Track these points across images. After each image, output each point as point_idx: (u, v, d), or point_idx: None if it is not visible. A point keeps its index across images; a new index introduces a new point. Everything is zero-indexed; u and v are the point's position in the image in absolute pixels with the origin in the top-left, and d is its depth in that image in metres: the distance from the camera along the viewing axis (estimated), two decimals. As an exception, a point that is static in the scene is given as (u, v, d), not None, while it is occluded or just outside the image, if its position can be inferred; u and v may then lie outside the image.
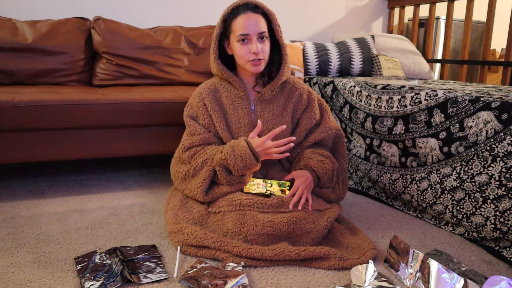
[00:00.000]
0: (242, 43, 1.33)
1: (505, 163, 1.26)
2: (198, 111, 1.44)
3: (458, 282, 1.01)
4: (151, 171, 2.14)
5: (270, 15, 1.37)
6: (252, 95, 1.45)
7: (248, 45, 1.33)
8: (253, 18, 1.33)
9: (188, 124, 1.46)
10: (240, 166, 1.30)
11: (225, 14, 1.37)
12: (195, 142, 1.41)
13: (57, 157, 1.67)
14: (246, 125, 1.42)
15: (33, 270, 1.13)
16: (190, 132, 1.45)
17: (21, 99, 1.57)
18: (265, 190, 1.36)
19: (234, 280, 1.05)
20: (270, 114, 1.44)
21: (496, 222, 1.28)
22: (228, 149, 1.31)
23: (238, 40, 1.33)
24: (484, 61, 2.52)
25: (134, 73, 2.16)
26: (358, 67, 2.46)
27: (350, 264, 1.17)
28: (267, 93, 1.43)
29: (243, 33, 1.32)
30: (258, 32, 1.33)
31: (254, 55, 1.33)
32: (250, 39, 1.33)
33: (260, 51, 1.33)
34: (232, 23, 1.35)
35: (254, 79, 1.44)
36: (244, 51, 1.34)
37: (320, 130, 1.49)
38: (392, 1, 3.08)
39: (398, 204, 1.69)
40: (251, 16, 1.33)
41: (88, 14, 2.36)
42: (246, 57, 1.34)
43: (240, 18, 1.33)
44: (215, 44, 1.39)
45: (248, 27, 1.32)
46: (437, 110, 1.49)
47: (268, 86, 1.42)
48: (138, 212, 1.56)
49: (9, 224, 1.43)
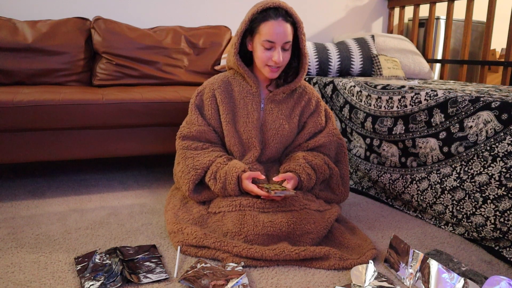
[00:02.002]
0: (266, 48, 1.35)
1: (505, 163, 1.26)
2: (205, 101, 1.46)
3: (458, 282, 1.01)
4: (151, 171, 2.14)
5: (298, 23, 1.37)
6: (263, 93, 1.47)
7: (271, 52, 1.35)
8: (282, 27, 1.32)
9: (191, 112, 1.47)
10: (221, 190, 1.35)
11: (254, 13, 1.35)
12: (193, 132, 1.43)
13: (57, 157, 1.67)
14: (254, 121, 1.44)
15: (33, 270, 1.13)
16: (190, 121, 1.46)
17: (21, 99, 1.57)
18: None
19: (234, 280, 1.05)
20: (278, 114, 1.46)
21: (496, 222, 1.28)
22: (221, 173, 1.34)
23: (263, 44, 1.34)
24: (484, 61, 2.52)
25: (134, 73, 2.16)
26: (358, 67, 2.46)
27: (350, 264, 1.17)
28: (279, 94, 1.46)
29: (270, 40, 1.32)
30: (284, 42, 1.34)
31: (274, 63, 1.35)
32: (275, 46, 1.34)
33: (281, 60, 1.35)
34: (260, 24, 1.34)
35: (268, 78, 1.46)
36: (266, 56, 1.35)
37: (322, 135, 1.50)
38: (392, 1, 3.08)
39: (398, 204, 1.69)
40: (281, 24, 1.32)
41: (88, 14, 2.36)
42: (266, 61, 1.36)
43: (270, 24, 1.32)
44: (237, 40, 1.39)
45: (276, 36, 1.32)
46: (437, 110, 1.49)
47: (282, 89, 1.45)
48: (138, 212, 1.56)
49: (9, 224, 1.43)
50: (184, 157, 1.41)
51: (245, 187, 1.32)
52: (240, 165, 1.35)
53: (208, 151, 1.41)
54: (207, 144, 1.44)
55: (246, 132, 1.44)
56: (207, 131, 1.44)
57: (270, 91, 1.47)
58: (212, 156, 1.39)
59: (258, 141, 1.45)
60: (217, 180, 1.35)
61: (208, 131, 1.44)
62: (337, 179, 1.48)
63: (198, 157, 1.39)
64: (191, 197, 1.40)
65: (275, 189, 1.26)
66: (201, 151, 1.42)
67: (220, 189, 1.34)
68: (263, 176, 1.34)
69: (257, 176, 1.33)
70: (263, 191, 1.27)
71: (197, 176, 1.37)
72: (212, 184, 1.36)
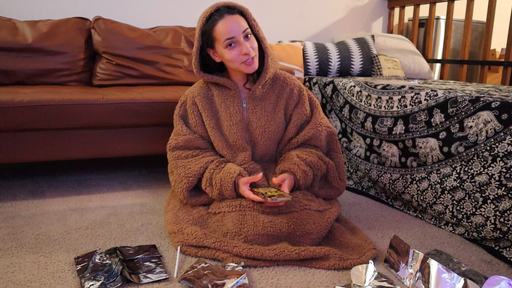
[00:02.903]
0: (230, 47, 1.32)
1: (505, 163, 1.26)
2: (188, 110, 1.47)
3: (458, 282, 1.01)
4: (151, 171, 2.14)
5: (245, 11, 1.36)
6: (243, 93, 1.46)
7: (237, 48, 1.32)
8: (232, 20, 1.31)
9: (176, 123, 1.48)
10: (219, 196, 1.35)
11: (201, 26, 1.35)
12: (180, 142, 1.44)
13: (57, 157, 1.67)
14: (238, 122, 1.43)
15: (33, 270, 1.13)
16: (176, 132, 1.48)
17: (21, 99, 1.56)
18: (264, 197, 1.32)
19: (234, 280, 1.05)
20: (262, 111, 1.44)
21: (496, 222, 1.28)
22: (217, 178, 1.34)
23: (226, 46, 1.32)
24: (484, 61, 2.52)
25: (134, 73, 2.16)
26: (358, 67, 2.46)
27: (350, 264, 1.17)
28: (257, 89, 1.44)
29: (228, 37, 1.31)
30: (242, 31, 1.32)
31: (246, 56, 1.33)
32: (237, 41, 1.32)
33: (250, 50, 1.33)
34: (212, 32, 1.33)
35: (244, 77, 1.44)
36: (234, 54, 1.33)
37: (310, 127, 1.47)
38: (392, 1, 3.08)
39: (398, 204, 1.69)
40: (229, 18, 1.31)
41: (88, 14, 2.36)
42: (238, 59, 1.33)
43: (220, 24, 1.31)
44: (196, 59, 1.40)
45: (231, 30, 1.30)
46: (437, 110, 1.49)
47: (258, 82, 1.42)
48: (138, 212, 1.56)
49: (9, 224, 1.43)
50: (175, 167, 1.42)
51: (242, 193, 1.32)
52: (234, 169, 1.34)
53: (199, 158, 1.41)
54: (197, 151, 1.44)
55: (232, 135, 1.43)
56: (193, 139, 1.44)
57: (249, 89, 1.45)
58: (202, 162, 1.39)
59: (246, 142, 1.44)
60: (213, 187, 1.35)
61: (194, 139, 1.44)
62: (333, 172, 1.46)
63: (189, 165, 1.39)
64: (189, 203, 1.40)
65: (271, 195, 1.24)
66: (191, 158, 1.42)
67: (218, 195, 1.35)
68: (260, 175, 1.32)
69: (255, 179, 1.32)
70: (259, 196, 1.25)
71: (189, 184, 1.37)
72: (209, 191, 1.36)
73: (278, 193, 1.26)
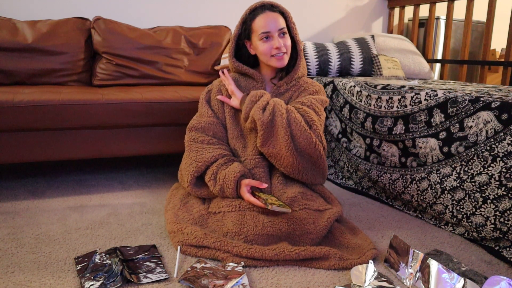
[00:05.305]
0: (265, 40, 1.41)
1: (505, 163, 1.26)
2: (212, 96, 1.53)
3: (458, 282, 1.01)
4: (151, 171, 2.14)
5: (286, 13, 1.46)
6: (269, 87, 1.53)
7: (270, 42, 1.41)
8: (272, 16, 1.41)
9: (201, 105, 1.53)
10: (220, 191, 1.36)
11: (244, 16, 1.45)
12: (201, 123, 1.47)
13: (57, 157, 1.67)
14: None
15: (33, 270, 1.13)
16: (200, 113, 1.53)
17: (21, 99, 1.57)
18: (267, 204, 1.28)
19: (234, 280, 1.06)
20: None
21: (496, 222, 1.28)
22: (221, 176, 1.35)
23: (261, 38, 1.41)
24: (484, 61, 2.52)
25: (134, 73, 2.16)
26: (358, 67, 2.46)
27: (350, 264, 1.17)
28: (282, 86, 1.51)
29: (264, 31, 1.40)
30: (278, 29, 1.41)
31: (277, 50, 1.41)
32: (272, 36, 1.41)
33: (282, 45, 1.40)
34: (252, 23, 1.43)
35: (273, 72, 1.51)
36: (267, 47, 1.41)
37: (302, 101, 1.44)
38: (392, 1, 3.08)
39: (398, 204, 1.69)
40: (269, 15, 1.41)
41: (88, 14, 2.36)
42: (269, 52, 1.42)
43: (260, 17, 1.41)
44: (232, 44, 1.49)
45: (268, 24, 1.40)
46: (437, 110, 1.49)
47: (284, 80, 1.50)
48: (138, 212, 1.56)
49: (9, 224, 1.43)
50: (189, 150, 1.44)
51: (242, 194, 1.32)
52: (239, 169, 1.35)
53: (214, 147, 1.42)
54: (213, 140, 1.45)
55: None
56: (215, 123, 1.48)
57: (274, 84, 1.51)
58: (215, 152, 1.40)
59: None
60: (216, 181, 1.36)
61: (216, 123, 1.49)
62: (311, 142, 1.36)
63: (202, 151, 1.41)
64: (191, 190, 1.41)
65: (272, 203, 1.23)
66: (206, 145, 1.43)
67: (219, 191, 1.36)
68: (265, 185, 1.32)
69: (258, 185, 1.32)
70: (260, 201, 1.25)
71: (197, 169, 1.38)
72: (212, 184, 1.37)
73: (279, 203, 1.26)
